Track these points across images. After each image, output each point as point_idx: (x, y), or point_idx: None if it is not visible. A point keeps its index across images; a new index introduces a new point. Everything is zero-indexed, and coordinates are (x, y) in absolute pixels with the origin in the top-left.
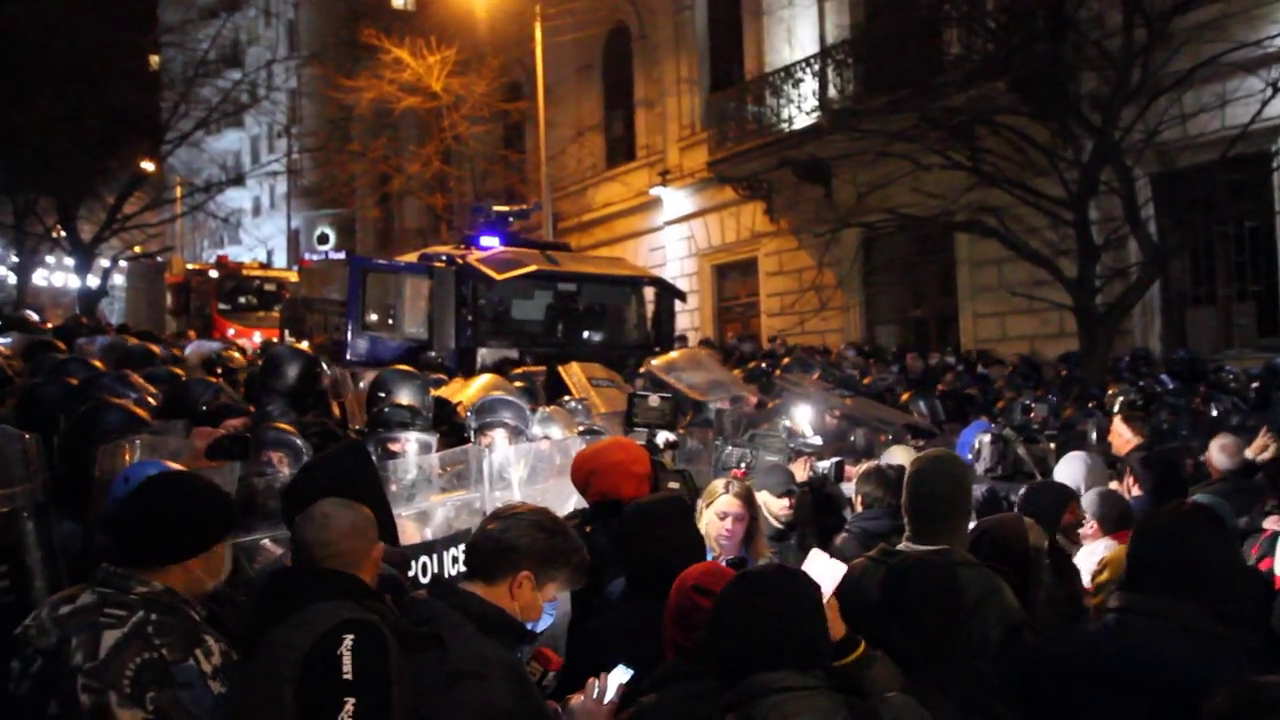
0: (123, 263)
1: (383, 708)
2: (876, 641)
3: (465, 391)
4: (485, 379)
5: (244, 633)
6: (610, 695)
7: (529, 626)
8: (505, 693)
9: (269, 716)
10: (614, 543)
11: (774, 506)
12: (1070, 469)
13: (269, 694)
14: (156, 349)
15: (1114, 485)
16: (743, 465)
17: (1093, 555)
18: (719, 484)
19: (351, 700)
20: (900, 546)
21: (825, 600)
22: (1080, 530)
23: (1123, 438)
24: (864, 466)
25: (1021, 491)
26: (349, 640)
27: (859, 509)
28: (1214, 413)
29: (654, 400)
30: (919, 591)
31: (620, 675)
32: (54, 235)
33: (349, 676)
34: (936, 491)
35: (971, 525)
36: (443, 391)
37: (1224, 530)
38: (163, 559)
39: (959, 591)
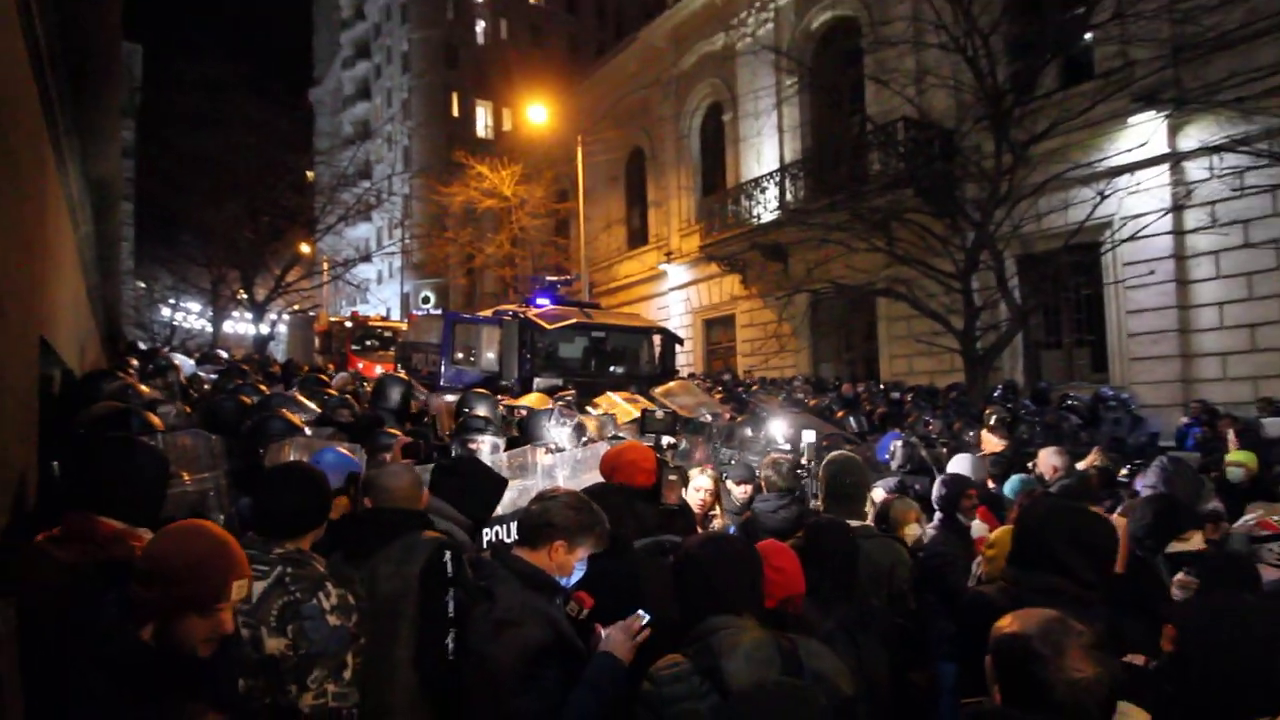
0: (285, 316)
1: (468, 593)
2: None
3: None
4: (533, 396)
5: (353, 551)
6: (634, 628)
7: (562, 581)
8: (538, 634)
9: (406, 602)
10: None
11: (735, 491)
12: (961, 465)
13: (403, 587)
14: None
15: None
16: (732, 461)
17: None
18: (695, 472)
19: (452, 589)
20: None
21: None
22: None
23: (990, 443)
24: (769, 457)
25: (938, 481)
26: (448, 555)
27: (764, 490)
28: (1064, 426)
29: (660, 414)
30: (826, 544)
31: (642, 618)
32: (238, 297)
33: (451, 576)
34: (849, 480)
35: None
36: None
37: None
38: (299, 532)
39: (855, 546)
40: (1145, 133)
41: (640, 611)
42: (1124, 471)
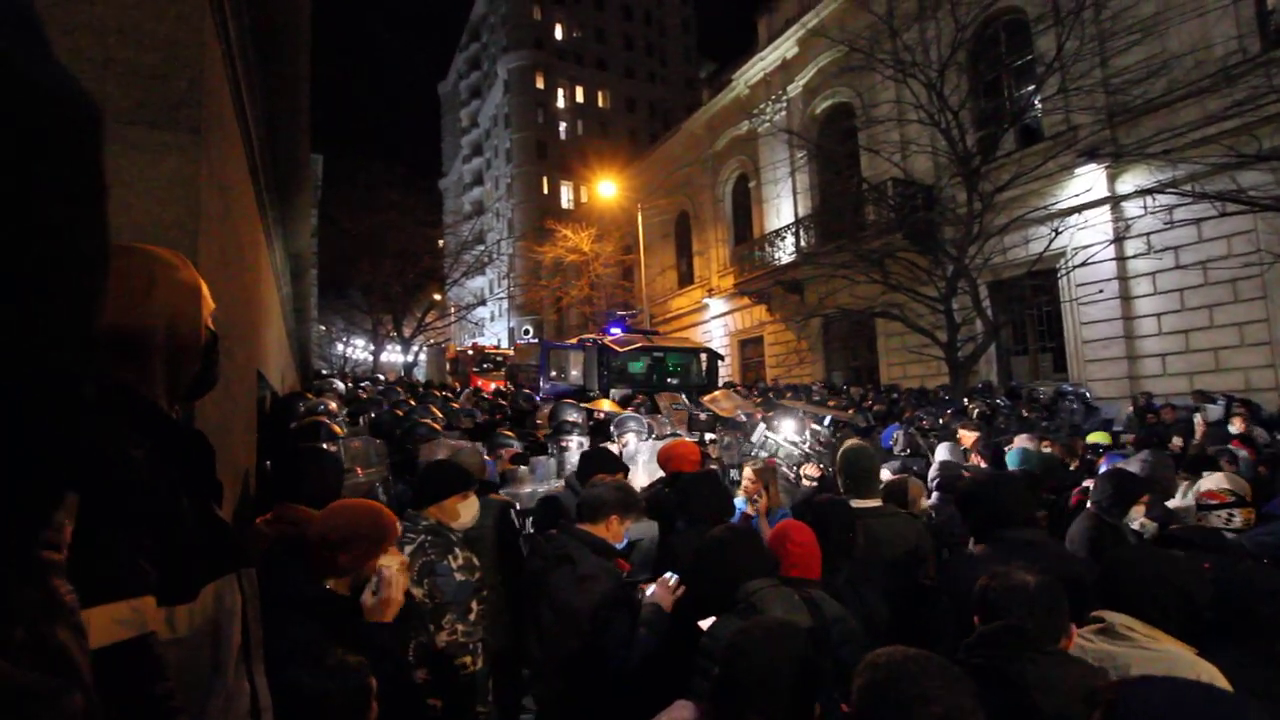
0: (424, 347)
1: (548, 558)
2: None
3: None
4: (608, 404)
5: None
6: (671, 584)
7: (616, 546)
8: (608, 586)
9: (489, 543)
10: (678, 497)
11: (810, 472)
12: (944, 452)
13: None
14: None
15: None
16: (763, 452)
17: None
18: (748, 465)
19: (523, 534)
20: (854, 503)
21: None
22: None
23: (965, 435)
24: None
25: (935, 464)
26: (512, 512)
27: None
28: (1031, 418)
29: (703, 416)
30: (829, 519)
31: (673, 577)
32: (390, 334)
33: (517, 525)
34: (865, 464)
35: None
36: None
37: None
38: (425, 503)
39: (853, 518)
40: (1089, 181)
41: (670, 573)
42: (1088, 454)
